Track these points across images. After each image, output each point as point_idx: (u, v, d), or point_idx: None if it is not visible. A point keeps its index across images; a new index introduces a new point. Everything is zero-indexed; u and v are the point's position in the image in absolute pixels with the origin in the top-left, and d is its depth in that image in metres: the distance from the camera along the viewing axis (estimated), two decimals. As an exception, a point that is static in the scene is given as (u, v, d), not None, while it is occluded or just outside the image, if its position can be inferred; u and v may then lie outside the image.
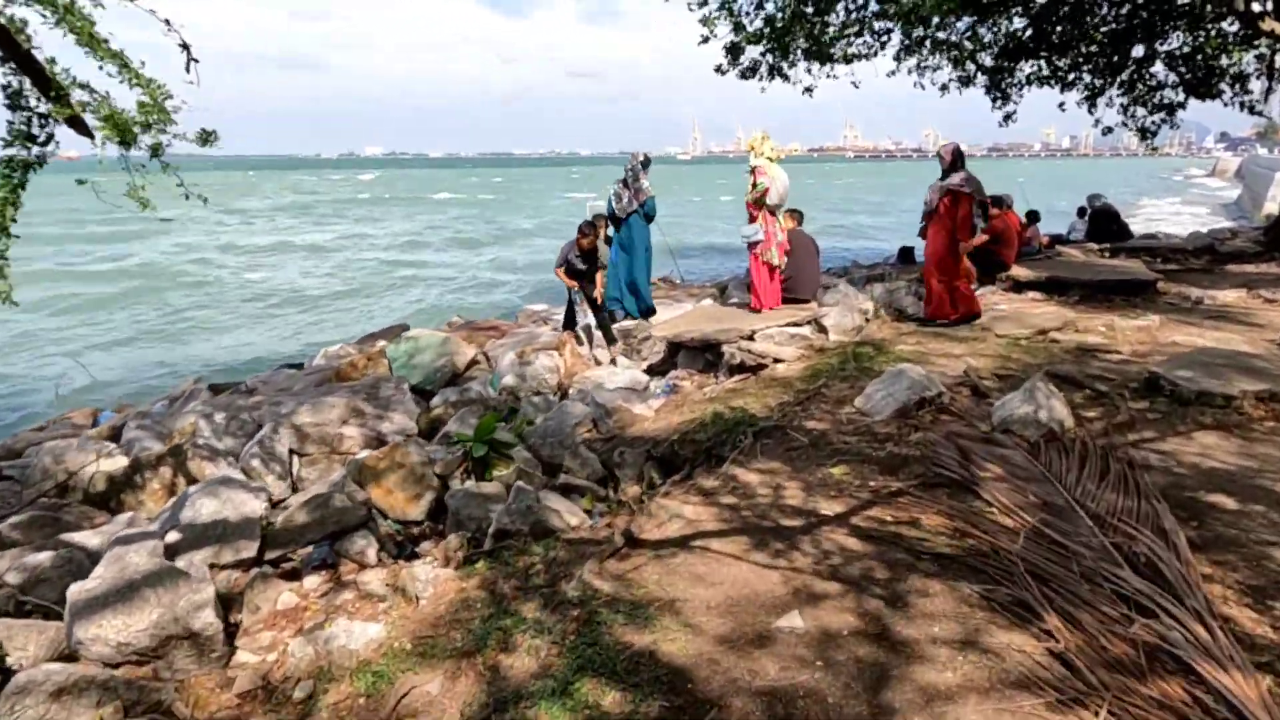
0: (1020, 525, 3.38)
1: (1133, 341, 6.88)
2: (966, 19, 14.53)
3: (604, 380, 7.47)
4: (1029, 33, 14.98)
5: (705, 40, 11.60)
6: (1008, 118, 17.23)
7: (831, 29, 12.85)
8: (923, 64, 16.60)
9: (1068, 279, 9.54)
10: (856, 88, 16.16)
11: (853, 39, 13.79)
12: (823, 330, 8.05)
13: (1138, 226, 18.85)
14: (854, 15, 12.88)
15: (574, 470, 4.93)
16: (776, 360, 7.10)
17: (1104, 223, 13.44)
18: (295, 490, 5.61)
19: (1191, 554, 3.10)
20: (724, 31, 11.59)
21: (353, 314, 18.18)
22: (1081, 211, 14.32)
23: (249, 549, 4.15)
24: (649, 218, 8.84)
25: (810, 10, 12.13)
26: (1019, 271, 10.15)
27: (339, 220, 43.56)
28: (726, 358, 7.28)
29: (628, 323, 9.11)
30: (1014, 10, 13.72)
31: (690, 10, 11.41)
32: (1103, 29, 14.36)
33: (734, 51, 13.49)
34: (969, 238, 7.61)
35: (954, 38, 15.66)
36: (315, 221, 42.62)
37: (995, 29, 15.42)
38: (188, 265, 25.55)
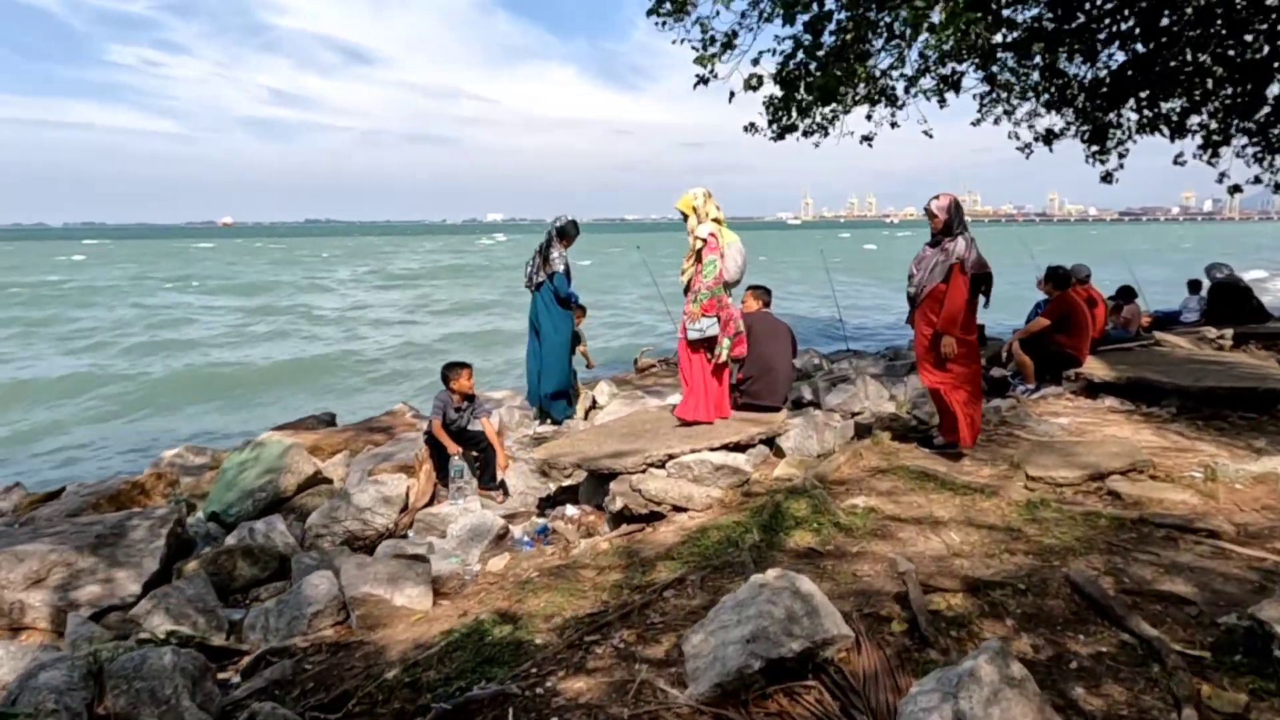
0: None
1: (1243, 505, 4.25)
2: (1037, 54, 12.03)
3: (454, 519, 5.38)
4: (1129, 70, 12.29)
5: (704, 81, 9.61)
6: (1107, 176, 14.42)
7: (874, 61, 10.64)
8: (1008, 110, 14.17)
9: (1160, 383, 6.83)
10: (930, 137, 13.87)
11: (899, 74, 11.54)
12: (780, 454, 5.74)
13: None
14: (895, 47, 10.62)
15: (158, 748, 2.81)
16: (678, 508, 4.83)
17: (1227, 300, 10.43)
18: None
19: None
20: (726, 70, 9.55)
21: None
22: (1194, 285, 11.31)
23: None
24: (560, 299, 6.77)
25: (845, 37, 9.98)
26: (1095, 368, 7.50)
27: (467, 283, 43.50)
28: (607, 500, 5.06)
29: (545, 428, 7.02)
30: (1099, 40, 11.11)
31: (681, 45, 9.46)
32: (1229, 60, 11.52)
33: (778, 109, 11.38)
34: (958, 328, 5.18)
35: (1029, 80, 13.16)
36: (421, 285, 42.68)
37: (1089, 63, 12.80)
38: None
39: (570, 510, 5.57)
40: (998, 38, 9.80)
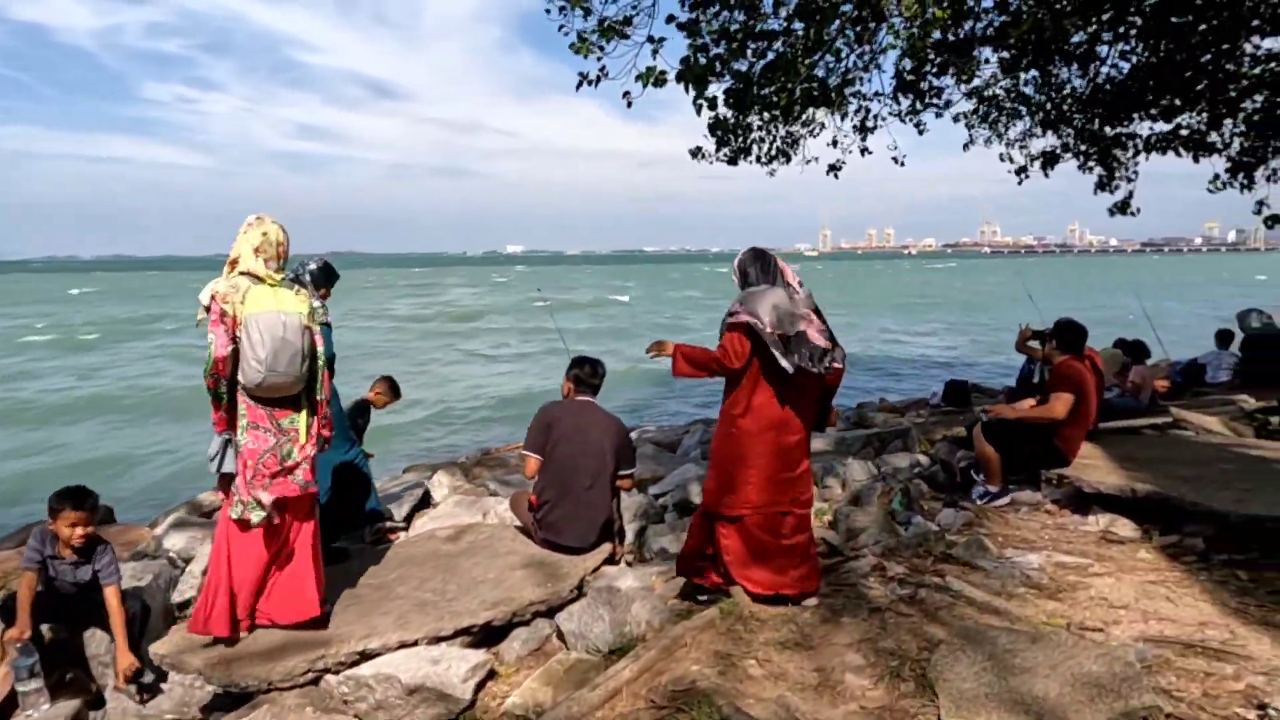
0: None
1: None
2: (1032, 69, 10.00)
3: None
4: (1137, 80, 10.15)
5: (592, 82, 7.56)
6: (1124, 206, 12.08)
7: (832, 68, 8.63)
8: (999, 132, 12.07)
9: (1183, 502, 4.60)
10: (900, 164, 11.74)
11: (862, 79, 9.51)
12: (562, 640, 3.59)
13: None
14: (858, 55, 8.64)
15: None
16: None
17: (1267, 357, 8.15)
18: None
19: None
20: (619, 69, 7.52)
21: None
22: (1224, 337, 9.04)
23: None
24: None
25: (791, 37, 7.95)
26: (1088, 464, 5.30)
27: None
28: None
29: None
30: (1100, 49, 9.04)
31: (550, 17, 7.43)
32: (1262, 67, 9.33)
33: (725, 129, 9.36)
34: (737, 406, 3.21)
35: (1018, 91, 11.12)
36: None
37: (1086, 75, 10.71)
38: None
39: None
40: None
